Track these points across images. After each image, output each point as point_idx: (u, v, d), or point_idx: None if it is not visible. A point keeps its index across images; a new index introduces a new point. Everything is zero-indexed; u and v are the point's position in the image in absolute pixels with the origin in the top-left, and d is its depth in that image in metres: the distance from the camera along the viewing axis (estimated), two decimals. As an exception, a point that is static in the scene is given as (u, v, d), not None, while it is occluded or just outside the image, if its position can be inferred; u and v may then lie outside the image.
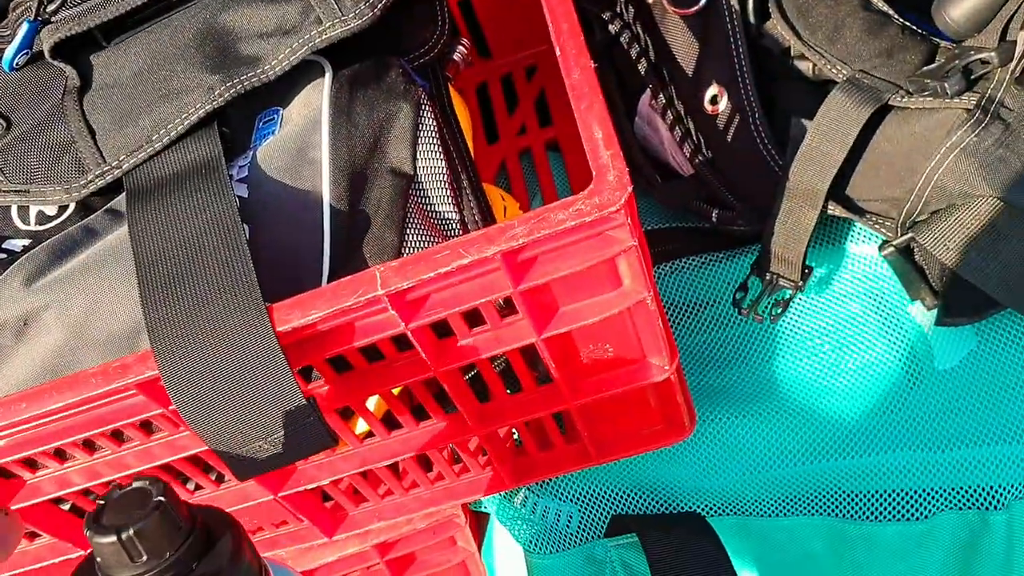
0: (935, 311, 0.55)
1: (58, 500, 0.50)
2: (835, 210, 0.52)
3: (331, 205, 0.46)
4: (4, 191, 0.46)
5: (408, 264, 0.39)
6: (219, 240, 0.42)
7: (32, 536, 0.52)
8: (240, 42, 0.47)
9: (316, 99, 0.47)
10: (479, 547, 0.63)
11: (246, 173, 0.47)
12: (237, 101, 0.47)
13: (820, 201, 0.51)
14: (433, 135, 0.48)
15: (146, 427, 0.46)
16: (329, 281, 0.45)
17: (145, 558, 0.29)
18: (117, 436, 0.46)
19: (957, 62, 0.48)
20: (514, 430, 0.55)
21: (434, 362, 0.45)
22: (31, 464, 0.47)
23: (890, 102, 0.50)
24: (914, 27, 0.51)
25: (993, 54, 0.47)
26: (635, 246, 0.41)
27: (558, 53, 0.43)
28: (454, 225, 0.48)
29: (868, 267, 0.57)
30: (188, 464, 0.48)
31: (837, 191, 0.52)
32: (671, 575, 0.52)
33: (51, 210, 0.49)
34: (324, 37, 0.46)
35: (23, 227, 0.49)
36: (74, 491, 0.48)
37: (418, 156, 0.48)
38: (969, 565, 0.53)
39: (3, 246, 0.48)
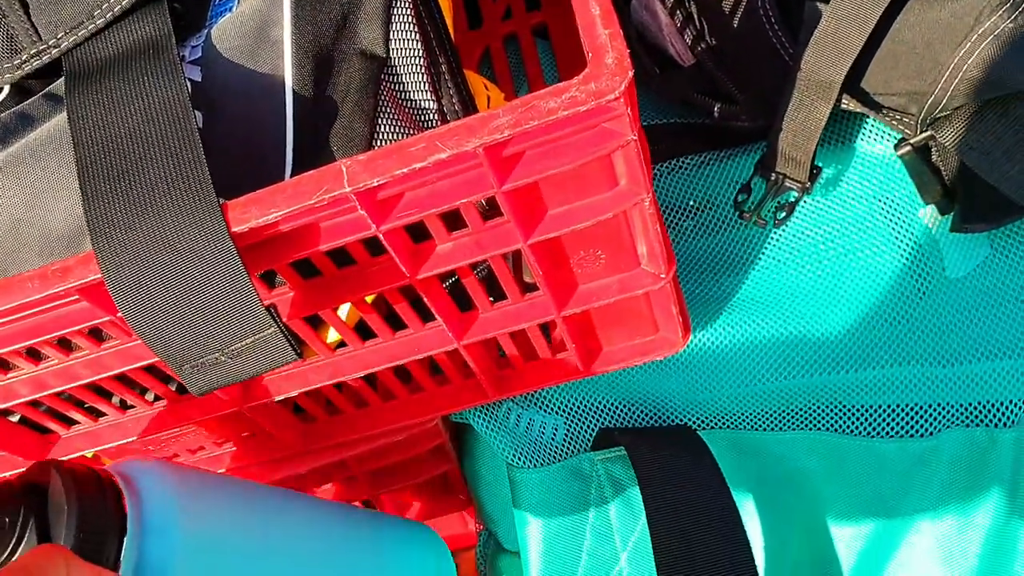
0: (948, 217, 0.51)
1: (5, 412, 0.47)
2: (849, 104, 0.48)
3: (294, 90, 0.42)
4: (-75, 71, 0.41)
5: (379, 158, 0.35)
6: (167, 128, 0.37)
7: (-19, 447, 0.49)
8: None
9: (277, -29, 0.42)
10: (460, 461, 0.60)
11: (199, 54, 0.42)
12: (189, -28, 0.42)
13: (834, 94, 0.47)
14: (408, 14, 0.43)
15: (96, 334, 0.42)
16: (293, 175, 0.40)
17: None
18: (65, 344, 0.42)
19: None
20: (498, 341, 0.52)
21: (409, 269, 0.41)
22: (-29, 374, 0.43)
23: (914, -17, 0.45)
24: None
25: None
26: (635, 141, 0.36)
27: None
28: (431, 115, 0.44)
29: (879, 168, 0.53)
30: (144, 374, 0.45)
31: (852, 84, 0.48)
32: (661, 490, 0.49)
33: (-20, 94, 0.44)
34: None
35: (-51, 113, 0.44)
36: (20, 403, 0.44)
37: (391, 38, 0.43)
38: (974, 484, 0.50)
39: (-72, 134, 0.43)
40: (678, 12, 0.55)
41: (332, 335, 0.48)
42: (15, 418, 0.48)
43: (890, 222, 0.53)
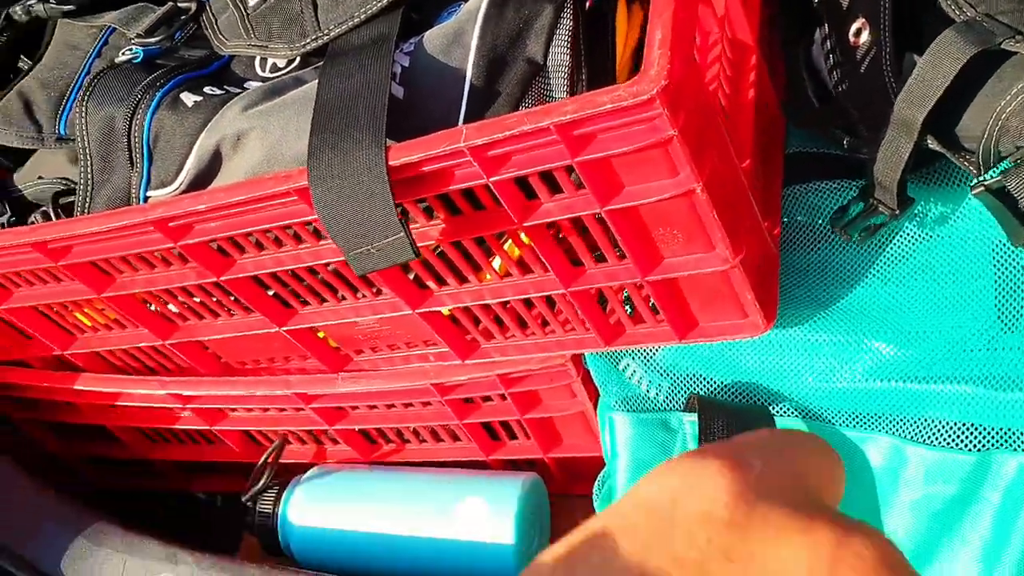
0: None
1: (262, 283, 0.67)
2: (932, 144, 0.55)
3: (471, 81, 0.58)
4: (251, 44, 0.63)
5: (486, 125, 0.50)
6: (369, 92, 0.55)
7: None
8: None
9: (480, -1, 0.59)
10: (595, 406, 0.72)
11: (411, 48, 0.59)
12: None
13: (915, 131, 0.54)
14: (567, 34, 0.58)
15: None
16: (451, 139, 0.56)
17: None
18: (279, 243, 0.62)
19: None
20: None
21: (519, 216, 0.55)
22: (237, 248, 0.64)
23: (1003, 45, 0.51)
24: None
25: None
26: (674, 136, 0.48)
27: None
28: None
29: (979, 208, 0.58)
30: (335, 278, 0.63)
31: (940, 126, 0.54)
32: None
33: (281, 63, 0.65)
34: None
35: (260, 74, 0.65)
36: (249, 275, 0.64)
37: (549, 51, 0.58)
38: (1013, 506, 0.54)
39: (245, 86, 0.64)
40: (831, 57, 0.63)
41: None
42: (271, 292, 0.68)
43: (990, 258, 0.58)
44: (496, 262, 0.63)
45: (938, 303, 0.59)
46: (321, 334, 0.73)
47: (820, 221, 0.65)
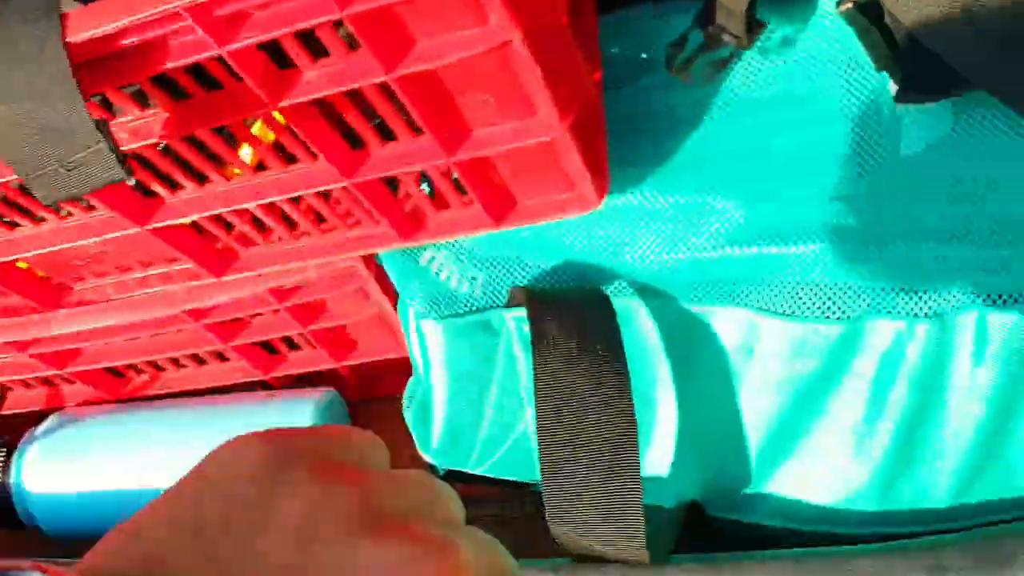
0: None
1: None
2: (788, -46, 0.44)
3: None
4: None
5: (207, -28, 0.33)
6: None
7: None
8: None
9: None
10: (394, 304, 0.60)
11: None
12: None
13: (769, -62, 0.43)
14: None
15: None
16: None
17: None
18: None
19: None
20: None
21: (271, 95, 0.39)
22: None
23: None
24: None
25: None
26: (482, -29, 0.34)
27: None
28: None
29: (841, 29, 0.48)
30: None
31: (796, -70, 0.43)
32: (554, 354, 0.48)
33: None
34: None
35: None
36: None
37: None
38: (888, 376, 0.48)
39: None
40: None
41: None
42: None
43: (848, 88, 0.49)
44: (245, 152, 0.47)
45: (791, 148, 0.50)
46: (23, 264, 0.55)
47: (647, 55, 0.53)
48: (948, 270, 0.46)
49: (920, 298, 0.46)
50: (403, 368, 0.59)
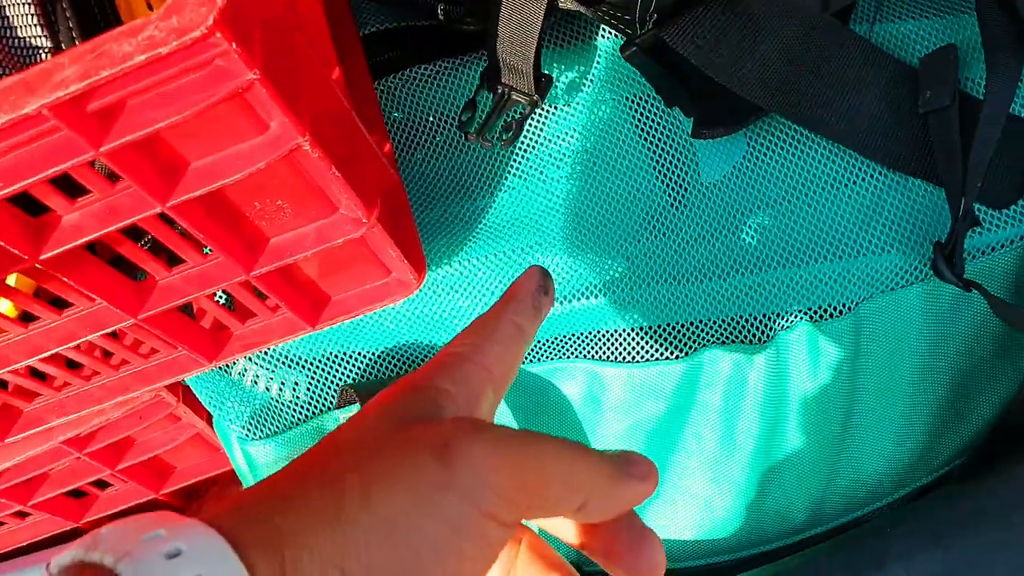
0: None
1: None
2: (566, 3, 0.42)
3: None
4: None
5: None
6: None
7: None
8: None
9: None
10: (209, 420, 0.54)
11: None
12: None
13: (544, -9, 0.41)
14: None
15: None
16: None
17: None
18: None
19: None
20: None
21: (29, 248, 0.34)
22: None
23: None
24: None
25: None
26: (255, 80, 0.30)
27: None
28: (43, 54, 0.36)
29: (626, 70, 0.48)
30: None
31: (569, -21, 0.42)
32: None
33: None
34: None
35: None
36: None
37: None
38: (733, 405, 0.47)
39: None
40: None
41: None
42: None
43: (640, 128, 0.48)
44: (3, 305, 0.41)
45: (594, 198, 0.48)
46: None
47: (433, 119, 0.50)
48: (773, 293, 0.46)
49: (752, 324, 0.46)
50: (231, 479, 0.54)
